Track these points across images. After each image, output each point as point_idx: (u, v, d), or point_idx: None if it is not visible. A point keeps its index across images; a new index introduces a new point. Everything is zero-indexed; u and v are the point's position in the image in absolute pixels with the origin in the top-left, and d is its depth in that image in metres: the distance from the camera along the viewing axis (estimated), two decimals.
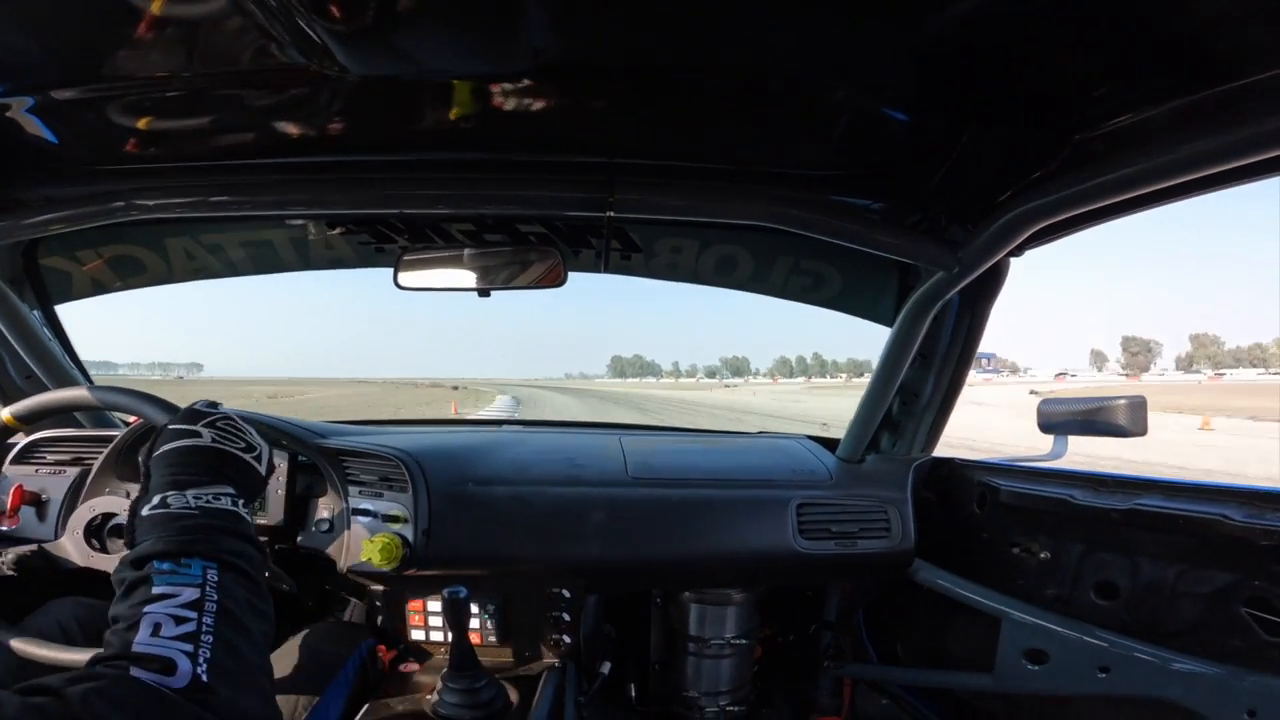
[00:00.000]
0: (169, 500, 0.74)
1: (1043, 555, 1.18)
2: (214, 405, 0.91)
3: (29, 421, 1.03)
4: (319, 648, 1.28)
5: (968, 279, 1.20)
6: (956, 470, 1.43)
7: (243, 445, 0.85)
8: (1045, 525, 1.18)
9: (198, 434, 0.82)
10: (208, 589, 0.67)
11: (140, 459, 0.83)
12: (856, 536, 1.39)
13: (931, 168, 1.10)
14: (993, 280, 1.34)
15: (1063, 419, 1.29)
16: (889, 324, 1.45)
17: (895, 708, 1.55)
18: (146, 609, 0.63)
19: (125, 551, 1.00)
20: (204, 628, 0.63)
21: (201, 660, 0.61)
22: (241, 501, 0.79)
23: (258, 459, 0.87)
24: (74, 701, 0.52)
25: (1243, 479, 1.49)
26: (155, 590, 0.65)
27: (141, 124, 1.02)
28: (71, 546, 1.05)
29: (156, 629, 0.61)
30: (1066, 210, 0.95)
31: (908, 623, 1.57)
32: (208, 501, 0.75)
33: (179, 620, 0.63)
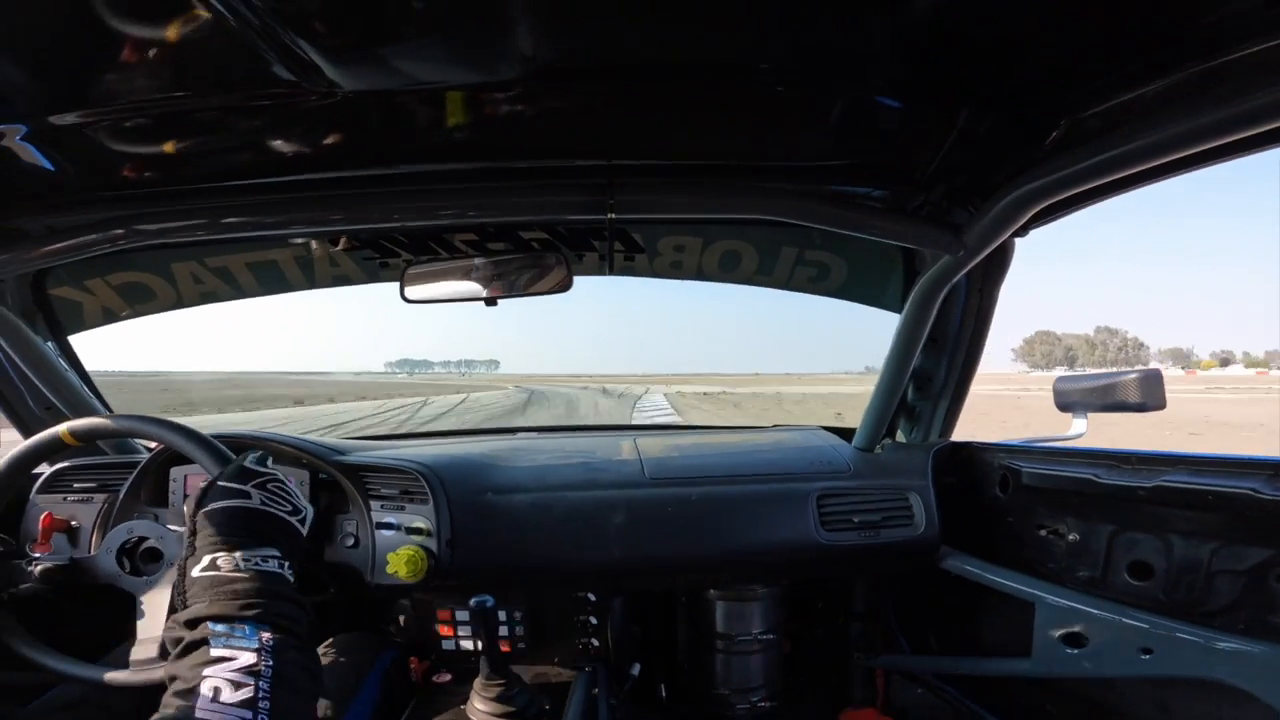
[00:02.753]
0: (219, 562, 0.75)
1: (1071, 537, 1.16)
2: (263, 461, 0.93)
3: (85, 441, 1.06)
4: (342, 660, 1.28)
5: (973, 261, 1.19)
6: (977, 454, 1.42)
7: (289, 509, 0.87)
8: (1071, 506, 1.16)
9: (247, 495, 0.83)
10: (264, 654, 0.69)
11: (187, 511, 0.84)
12: (879, 526, 1.38)
13: (929, 153, 1.09)
14: (999, 261, 1.33)
15: (1080, 397, 1.28)
16: (897, 310, 1.44)
17: (931, 696, 1.54)
18: (205, 671, 0.66)
19: (151, 575, 1.02)
20: (261, 693, 0.66)
21: None
22: (286, 564, 0.81)
23: (302, 521, 0.89)
24: None
25: None
26: (213, 653, 0.67)
27: (135, 148, 1.02)
28: (102, 563, 1.06)
29: (216, 694, 0.64)
30: (1066, 189, 0.94)
31: (938, 611, 1.56)
32: (257, 564, 0.77)
33: (237, 686, 0.65)
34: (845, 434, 1.67)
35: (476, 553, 1.31)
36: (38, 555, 1.10)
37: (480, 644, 1.26)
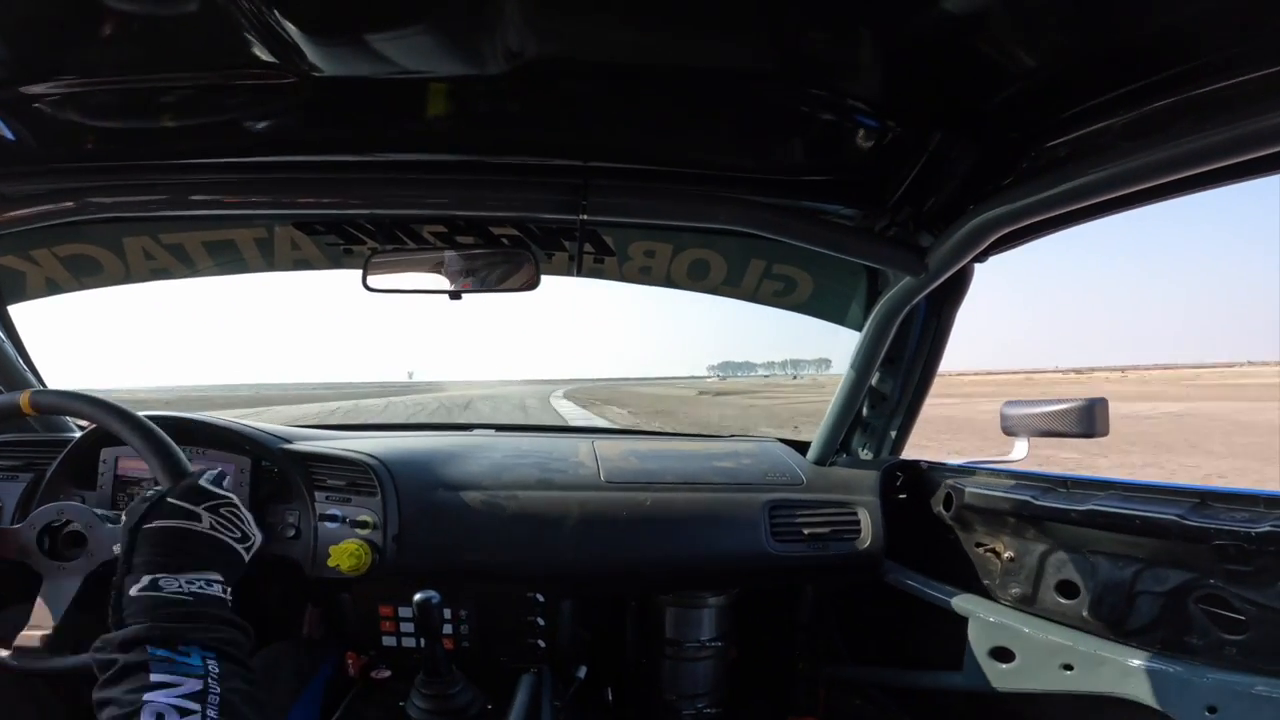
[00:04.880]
0: (160, 583, 0.72)
1: (1007, 555, 1.20)
2: (219, 481, 0.89)
3: (42, 413, 1.00)
4: (282, 667, 1.25)
5: (934, 284, 1.22)
6: (924, 472, 1.46)
7: (238, 535, 0.83)
8: (1008, 526, 1.20)
9: (197, 517, 0.80)
10: (210, 681, 0.66)
11: (126, 522, 0.80)
12: (828, 538, 1.40)
13: (899, 174, 1.12)
14: (958, 285, 1.36)
15: (1025, 421, 1.32)
16: (858, 328, 1.48)
17: (869, 707, 1.57)
18: (147, 697, 0.62)
19: (67, 562, 0.97)
20: None
21: None
22: (228, 589, 0.78)
23: (248, 549, 0.85)
24: None
25: None
26: (154, 678, 0.64)
27: (102, 122, 1.00)
28: (23, 536, 0.99)
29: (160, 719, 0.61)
30: (1031, 216, 0.97)
31: (879, 623, 1.59)
32: (200, 588, 0.74)
33: (183, 712, 0.62)
34: (801, 447, 1.69)
35: (423, 549, 1.29)
36: None
37: (423, 641, 1.24)
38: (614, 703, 1.65)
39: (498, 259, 1.41)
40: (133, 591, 0.71)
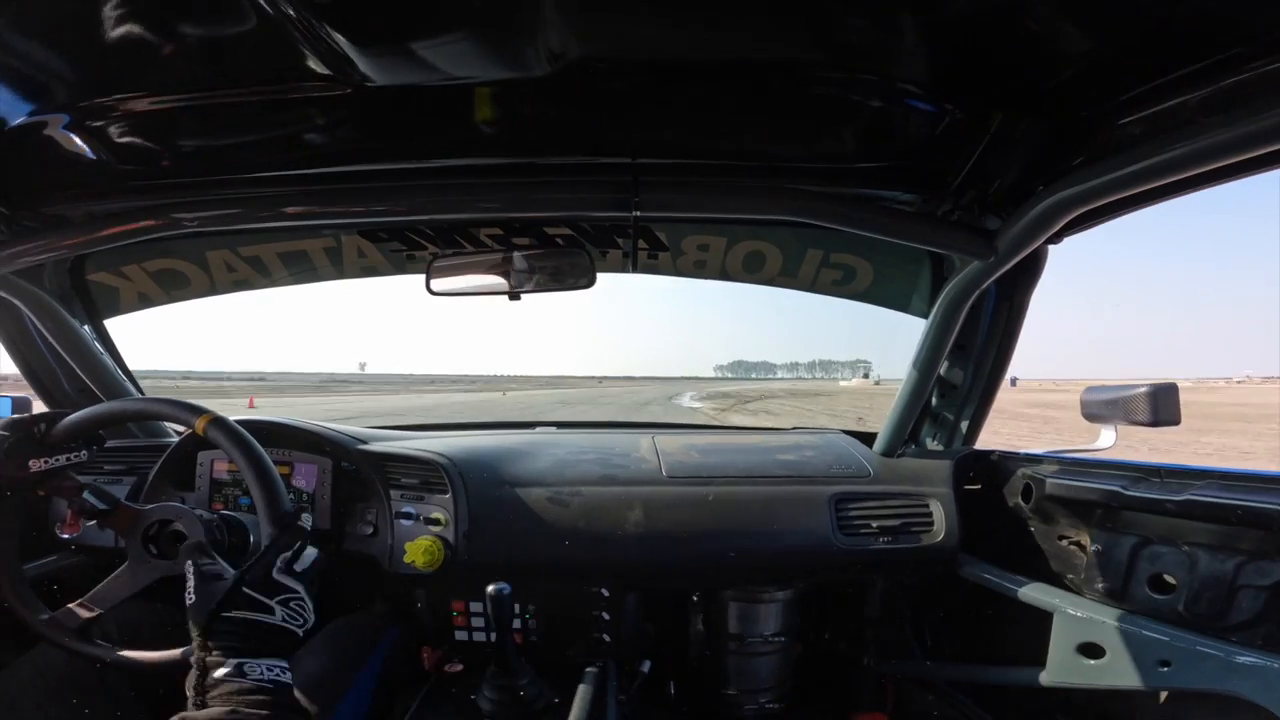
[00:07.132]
0: (244, 668, 0.78)
1: (1093, 548, 1.15)
2: (290, 569, 0.91)
3: (208, 438, 1.03)
4: (346, 640, 1.31)
5: (1004, 268, 1.17)
6: (1000, 463, 1.40)
7: (301, 622, 0.89)
8: (1095, 518, 1.15)
9: (271, 610, 0.85)
10: None
11: (202, 603, 0.84)
12: (898, 531, 1.37)
13: (961, 157, 1.08)
14: (1031, 268, 1.31)
15: (1103, 408, 1.26)
16: (924, 316, 1.43)
17: (942, 704, 1.53)
18: None
19: (165, 561, 1.02)
20: None
21: None
22: (291, 674, 0.84)
23: (308, 634, 0.91)
24: None
25: None
26: None
27: (173, 139, 1.06)
28: (140, 520, 1.04)
29: None
30: (1106, 196, 0.92)
31: (955, 618, 1.54)
32: (276, 675, 0.80)
33: None
34: (867, 438, 1.65)
35: (492, 545, 1.33)
36: (66, 536, 1.10)
37: (493, 634, 1.27)
38: (677, 697, 1.66)
39: (553, 258, 1.43)
40: (218, 673, 0.77)
